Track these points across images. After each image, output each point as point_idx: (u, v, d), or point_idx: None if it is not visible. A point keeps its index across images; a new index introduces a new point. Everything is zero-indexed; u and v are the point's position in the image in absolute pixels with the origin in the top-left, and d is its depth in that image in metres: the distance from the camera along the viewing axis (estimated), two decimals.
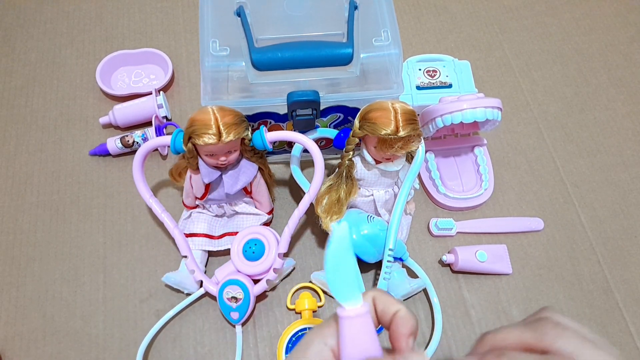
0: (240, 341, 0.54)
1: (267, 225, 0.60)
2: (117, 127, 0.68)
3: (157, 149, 0.66)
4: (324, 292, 0.57)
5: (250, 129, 0.50)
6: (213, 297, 0.56)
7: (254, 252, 0.54)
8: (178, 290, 0.57)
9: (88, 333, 0.55)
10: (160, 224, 0.61)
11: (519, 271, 0.59)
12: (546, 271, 0.59)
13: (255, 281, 0.55)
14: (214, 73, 0.50)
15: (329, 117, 0.56)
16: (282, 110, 0.53)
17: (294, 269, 0.59)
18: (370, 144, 0.50)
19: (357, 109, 0.52)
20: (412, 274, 0.57)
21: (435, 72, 0.67)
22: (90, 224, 0.62)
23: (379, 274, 0.53)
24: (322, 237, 0.61)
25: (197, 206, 0.59)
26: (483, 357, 0.28)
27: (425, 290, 0.57)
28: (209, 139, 0.46)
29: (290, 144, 0.62)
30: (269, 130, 0.52)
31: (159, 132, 0.65)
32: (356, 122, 0.49)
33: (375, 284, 0.58)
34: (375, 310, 0.28)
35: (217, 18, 0.51)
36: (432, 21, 0.80)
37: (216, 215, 0.59)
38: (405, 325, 0.28)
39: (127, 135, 0.65)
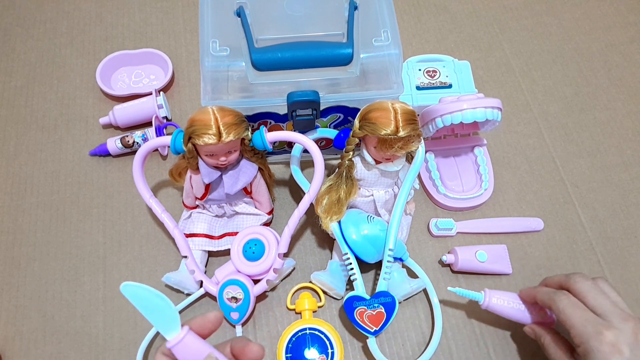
0: None
1: (267, 226, 0.60)
2: (117, 128, 0.68)
3: (157, 149, 0.66)
4: (324, 292, 0.57)
5: (250, 129, 0.50)
6: (213, 297, 0.56)
7: (254, 252, 0.54)
8: (178, 290, 0.57)
9: (88, 333, 0.55)
10: (160, 224, 0.61)
11: (519, 271, 0.59)
12: (546, 271, 0.59)
13: (255, 281, 0.55)
14: (214, 73, 0.50)
15: (329, 117, 0.56)
16: (282, 110, 0.53)
17: (294, 269, 0.59)
18: (370, 144, 0.50)
19: (357, 109, 0.52)
20: (412, 274, 0.57)
21: (435, 72, 0.67)
22: (90, 224, 0.62)
23: (379, 274, 0.53)
24: (322, 237, 0.61)
25: (197, 206, 0.59)
26: (535, 288, 0.51)
27: (425, 290, 0.57)
28: (209, 139, 0.46)
29: (290, 144, 0.62)
30: (269, 130, 0.52)
31: (159, 132, 0.65)
32: (356, 122, 0.49)
33: (375, 283, 0.58)
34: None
35: (217, 18, 0.51)
36: (432, 21, 0.80)
37: (216, 216, 0.59)
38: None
39: (127, 136, 0.65)
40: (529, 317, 0.52)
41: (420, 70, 0.67)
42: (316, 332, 0.52)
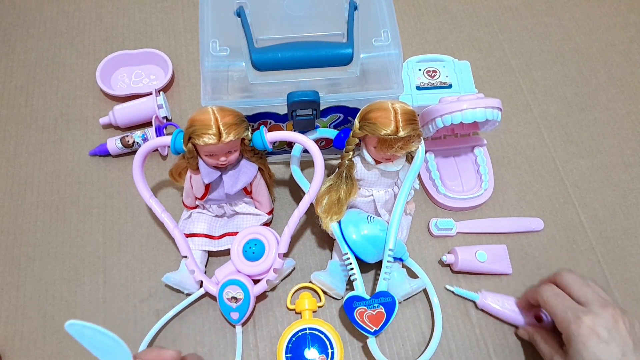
0: (240, 341, 0.54)
1: (267, 226, 0.60)
2: (117, 128, 0.68)
3: (157, 149, 0.66)
4: (324, 292, 0.57)
5: (250, 129, 0.50)
6: (213, 297, 0.56)
7: (254, 252, 0.54)
8: (178, 290, 0.57)
9: None
10: (160, 224, 0.61)
11: (519, 271, 0.59)
12: (546, 271, 0.59)
13: (255, 281, 0.55)
14: (214, 73, 0.50)
15: (329, 117, 0.56)
16: (282, 110, 0.53)
17: (294, 269, 0.59)
18: (370, 144, 0.50)
19: (357, 109, 0.52)
20: (412, 274, 0.57)
21: (435, 72, 0.67)
22: (90, 224, 0.62)
23: (379, 274, 0.53)
24: (322, 237, 0.61)
25: (197, 206, 0.59)
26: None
27: (425, 290, 0.57)
28: (209, 139, 0.46)
29: (290, 144, 0.62)
30: (269, 130, 0.52)
31: (159, 132, 0.65)
32: (356, 122, 0.49)
33: (375, 283, 0.58)
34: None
35: (217, 18, 0.51)
36: (432, 21, 0.80)
37: (216, 216, 0.59)
38: None
39: (127, 136, 0.65)
40: (521, 320, 0.55)
41: (420, 70, 0.67)
42: (316, 332, 0.52)
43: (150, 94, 0.67)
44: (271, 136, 0.51)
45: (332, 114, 0.55)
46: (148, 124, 0.68)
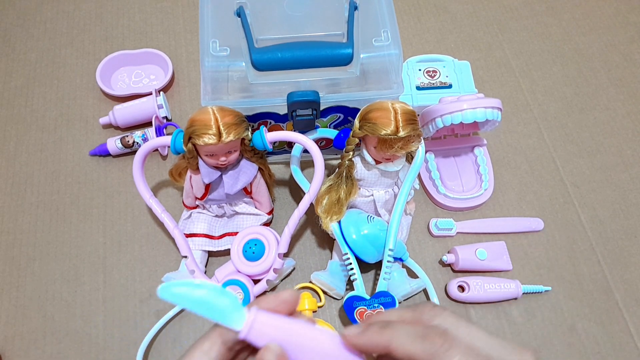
0: None
1: (267, 226, 0.60)
2: (117, 128, 0.68)
3: (157, 149, 0.66)
4: (324, 292, 0.57)
5: (250, 129, 0.50)
6: None
7: (254, 253, 0.54)
8: None
9: (88, 333, 0.55)
10: (160, 224, 0.61)
11: (519, 271, 0.59)
12: (546, 271, 0.59)
13: (256, 281, 0.55)
14: (214, 73, 0.50)
15: (329, 117, 0.56)
16: (282, 110, 0.53)
17: (294, 269, 0.59)
18: (370, 144, 0.50)
19: (357, 109, 0.52)
20: (412, 274, 0.57)
21: (435, 72, 0.67)
22: (90, 224, 0.62)
23: (379, 274, 0.53)
24: (322, 237, 0.61)
25: (197, 206, 0.59)
26: (368, 326, 0.28)
27: (425, 290, 0.57)
28: (209, 139, 0.46)
29: (290, 144, 0.62)
30: (269, 130, 0.52)
31: (159, 132, 0.65)
32: (356, 122, 0.49)
33: (375, 284, 0.58)
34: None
35: (217, 18, 0.51)
36: (432, 21, 0.80)
37: (216, 216, 0.59)
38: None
39: (127, 136, 0.65)
40: None
41: (420, 70, 0.67)
42: None
43: (150, 94, 0.67)
44: (271, 136, 0.51)
45: (332, 114, 0.55)
46: (148, 124, 0.68)
